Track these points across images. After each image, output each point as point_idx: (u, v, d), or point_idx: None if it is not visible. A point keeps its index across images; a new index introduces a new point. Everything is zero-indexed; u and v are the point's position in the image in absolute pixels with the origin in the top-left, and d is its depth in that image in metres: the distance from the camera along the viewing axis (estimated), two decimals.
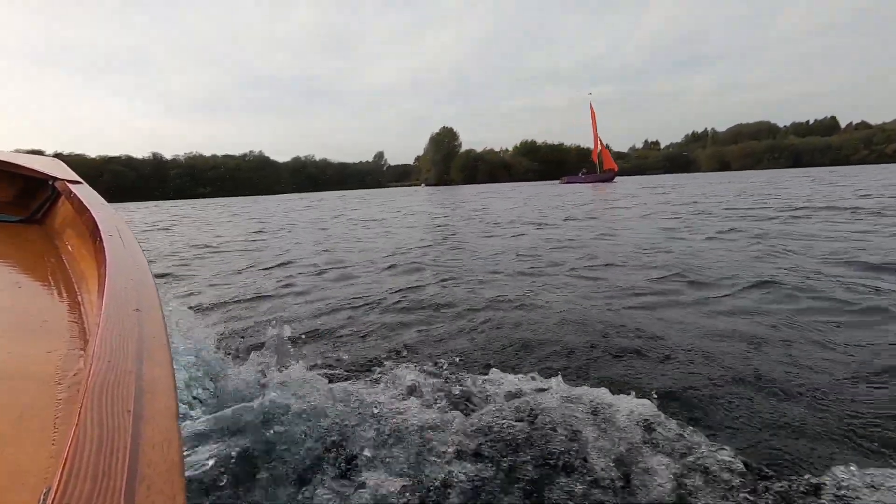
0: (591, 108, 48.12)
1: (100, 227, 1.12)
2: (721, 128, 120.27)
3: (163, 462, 0.42)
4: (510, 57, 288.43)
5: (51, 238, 1.48)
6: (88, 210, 1.29)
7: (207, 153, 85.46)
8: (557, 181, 51.51)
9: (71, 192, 1.53)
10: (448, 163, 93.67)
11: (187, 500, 0.39)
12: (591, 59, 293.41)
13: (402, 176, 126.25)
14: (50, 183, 1.73)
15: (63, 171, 1.79)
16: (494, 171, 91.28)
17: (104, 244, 1.00)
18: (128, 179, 66.57)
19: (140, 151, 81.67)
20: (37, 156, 2.07)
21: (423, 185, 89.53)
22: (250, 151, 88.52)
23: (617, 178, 43.40)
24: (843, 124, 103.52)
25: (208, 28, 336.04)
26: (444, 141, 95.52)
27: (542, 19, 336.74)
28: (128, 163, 73.01)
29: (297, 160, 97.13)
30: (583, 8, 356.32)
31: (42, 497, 0.43)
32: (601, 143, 46.99)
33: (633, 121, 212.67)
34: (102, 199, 1.46)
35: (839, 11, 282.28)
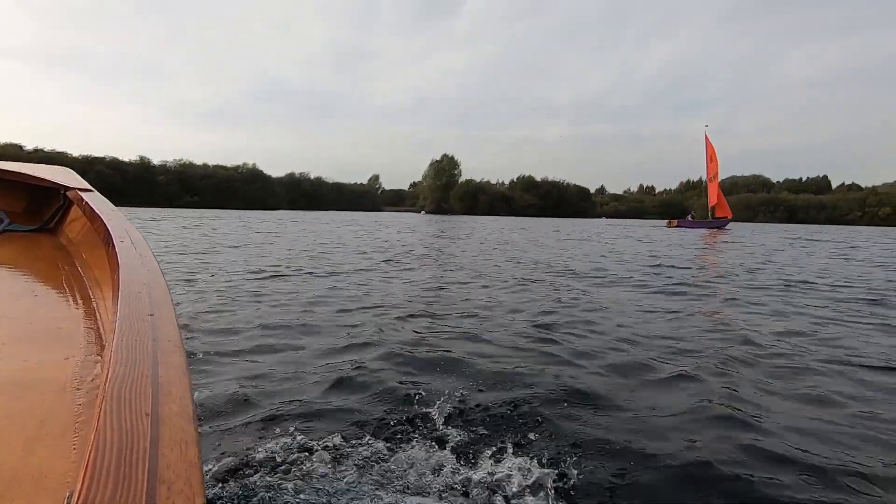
0: (708, 142, 36.65)
1: (112, 233, 1.14)
2: None
3: (181, 463, 0.42)
4: (510, 87, 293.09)
5: (64, 246, 1.51)
6: (100, 217, 1.31)
7: (199, 161, 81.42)
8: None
9: (82, 200, 1.55)
10: (447, 191, 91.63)
11: (206, 499, 0.40)
12: (589, 95, 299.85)
13: (396, 200, 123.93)
14: (62, 192, 1.75)
15: (74, 180, 1.81)
16: (495, 203, 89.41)
17: (116, 250, 1.02)
18: (113, 183, 61.88)
19: (126, 154, 76.17)
20: (47, 165, 2.04)
21: (423, 212, 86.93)
22: (244, 164, 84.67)
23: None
24: (834, 184, 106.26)
25: (211, 36, 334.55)
26: (445, 168, 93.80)
27: (545, 53, 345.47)
28: (113, 164, 68.37)
29: (291, 176, 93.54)
30: (585, 45, 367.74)
31: (66, 501, 0.44)
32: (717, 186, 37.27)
33: (626, 162, 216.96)
34: (112, 206, 1.47)
35: (826, 69, 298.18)
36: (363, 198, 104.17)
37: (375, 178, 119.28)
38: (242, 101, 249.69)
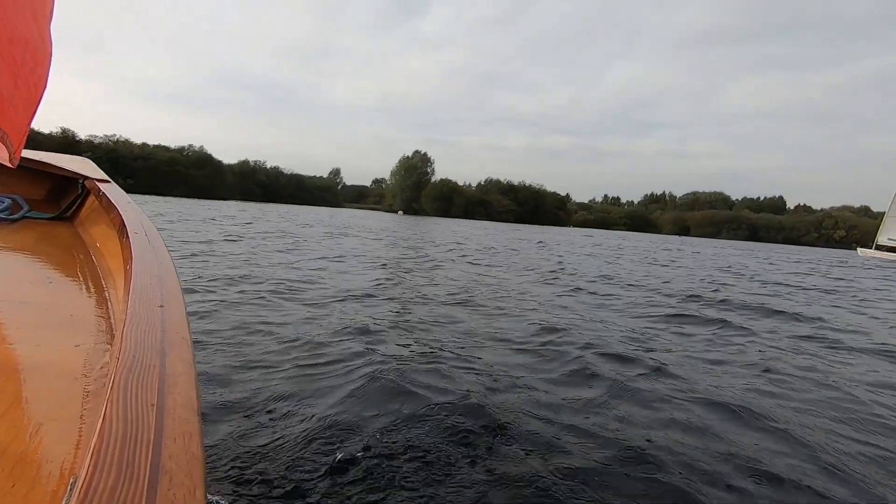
0: None
1: (126, 224, 1.17)
2: (676, 192, 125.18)
3: (184, 454, 0.42)
4: (474, 94, 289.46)
5: (80, 235, 1.53)
6: (116, 208, 1.34)
7: (138, 140, 69.40)
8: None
9: (100, 190, 1.57)
10: (418, 190, 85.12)
11: (207, 492, 0.40)
12: (551, 108, 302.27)
13: (357, 197, 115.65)
14: (80, 182, 1.78)
15: (92, 171, 1.85)
16: (470, 206, 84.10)
17: (130, 241, 1.04)
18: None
19: (47, 126, 62.36)
20: (67, 155, 2.09)
21: (399, 212, 79.85)
22: (189, 146, 73.54)
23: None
24: (789, 204, 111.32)
25: (170, 15, 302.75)
26: (417, 166, 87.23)
27: (510, 64, 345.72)
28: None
29: (245, 164, 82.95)
30: (548, 59, 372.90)
31: (69, 487, 0.44)
32: None
33: (588, 174, 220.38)
34: (129, 198, 1.51)
35: (771, 101, 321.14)
36: (324, 192, 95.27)
37: (336, 172, 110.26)
38: (200, 86, 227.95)
